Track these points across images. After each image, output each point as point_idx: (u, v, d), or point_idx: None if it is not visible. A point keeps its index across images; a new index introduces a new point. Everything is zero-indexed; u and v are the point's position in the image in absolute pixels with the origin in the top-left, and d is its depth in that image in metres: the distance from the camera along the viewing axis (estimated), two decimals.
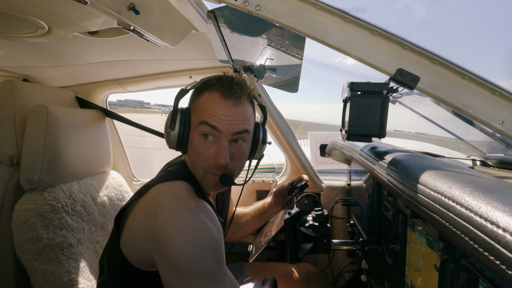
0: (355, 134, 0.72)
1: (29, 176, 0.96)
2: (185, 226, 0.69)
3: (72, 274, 0.98)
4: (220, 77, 0.83)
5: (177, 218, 0.70)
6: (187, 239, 0.67)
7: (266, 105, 0.98)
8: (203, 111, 0.79)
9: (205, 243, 0.68)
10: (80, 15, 0.83)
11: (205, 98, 0.80)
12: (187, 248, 0.66)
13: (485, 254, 0.32)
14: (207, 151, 0.79)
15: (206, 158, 0.79)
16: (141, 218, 0.77)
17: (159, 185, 0.79)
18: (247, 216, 1.34)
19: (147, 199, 0.78)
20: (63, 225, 1.01)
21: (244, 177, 1.00)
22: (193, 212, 0.72)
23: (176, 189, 0.78)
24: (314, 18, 0.63)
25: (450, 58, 0.60)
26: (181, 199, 0.75)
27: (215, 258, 0.69)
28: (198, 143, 0.79)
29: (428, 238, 0.60)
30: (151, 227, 0.72)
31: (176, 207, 0.72)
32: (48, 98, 1.18)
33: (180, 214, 0.71)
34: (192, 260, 0.66)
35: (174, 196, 0.76)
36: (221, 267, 0.70)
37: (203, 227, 0.70)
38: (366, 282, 1.06)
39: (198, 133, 0.79)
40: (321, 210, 1.03)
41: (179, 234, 0.68)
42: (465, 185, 0.43)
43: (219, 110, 0.78)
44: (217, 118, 0.77)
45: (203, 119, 0.78)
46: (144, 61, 1.35)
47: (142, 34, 0.88)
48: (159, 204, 0.73)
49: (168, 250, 0.67)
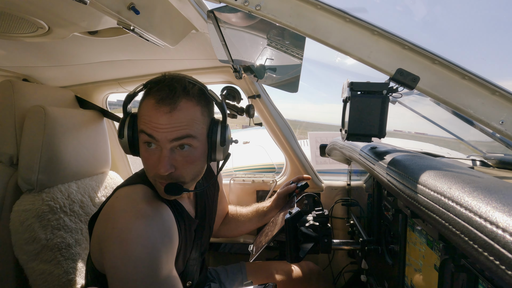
0: (355, 134, 0.72)
1: (27, 177, 0.96)
2: (126, 236, 0.69)
3: (70, 275, 0.98)
4: (158, 80, 0.77)
5: (122, 226, 0.70)
6: (124, 250, 0.68)
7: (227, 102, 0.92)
8: (141, 119, 0.76)
9: (140, 256, 0.68)
10: (80, 15, 0.83)
11: (144, 105, 0.77)
12: (123, 259, 0.67)
13: (484, 254, 0.32)
14: (150, 160, 0.77)
15: (151, 166, 0.77)
16: (99, 225, 0.79)
17: (120, 189, 0.82)
18: (245, 216, 1.35)
19: (109, 203, 0.80)
20: (61, 226, 1.01)
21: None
22: (140, 219, 0.71)
23: (132, 194, 0.79)
24: (314, 18, 0.63)
25: (450, 58, 0.60)
26: (133, 206, 0.74)
27: (150, 271, 0.68)
28: (143, 151, 0.78)
29: (428, 238, 0.60)
30: (102, 234, 0.74)
31: (125, 214, 0.72)
32: (48, 98, 1.18)
33: (126, 223, 0.71)
34: (126, 271, 0.67)
35: (127, 202, 0.76)
36: (157, 278, 0.69)
37: (144, 237, 0.69)
38: (366, 282, 1.06)
39: (141, 141, 0.77)
40: (322, 210, 1.03)
41: (119, 243, 0.68)
42: (464, 185, 0.42)
43: (153, 117, 0.73)
44: (152, 127, 0.73)
45: (141, 127, 0.76)
46: (144, 61, 1.35)
47: (142, 34, 0.88)
48: (113, 210, 0.75)
49: (108, 258, 0.69)
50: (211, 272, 1.29)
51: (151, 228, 0.72)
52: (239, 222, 1.35)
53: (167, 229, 0.76)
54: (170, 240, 0.76)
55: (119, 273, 0.67)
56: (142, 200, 0.77)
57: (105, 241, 0.71)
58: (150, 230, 0.71)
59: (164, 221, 0.76)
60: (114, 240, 0.69)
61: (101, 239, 0.75)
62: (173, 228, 0.79)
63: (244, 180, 1.65)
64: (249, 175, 1.70)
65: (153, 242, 0.71)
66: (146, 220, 0.72)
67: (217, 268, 1.31)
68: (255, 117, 1.44)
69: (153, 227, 0.72)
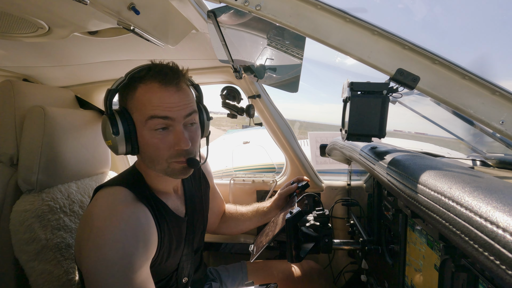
0: (355, 134, 0.72)
1: (27, 177, 0.96)
2: (101, 240, 0.70)
3: (70, 274, 0.98)
4: (149, 67, 0.80)
5: (97, 231, 0.71)
6: (98, 255, 0.69)
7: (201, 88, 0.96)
8: (147, 105, 0.76)
9: (114, 260, 0.69)
10: (80, 15, 0.83)
11: (143, 91, 0.77)
12: (97, 262, 0.68)
13: (485, 254, 0.32)
14: (165, 142, 0.78)
15: (166, 148, 0.78)
16: (80, 226, 0.80)
17: (100, 190, 0.82)
18: (244, 215, 1.35)
19: (89, 206, 0.81)
20: (61, 226, 1.01)
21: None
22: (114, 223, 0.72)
23: (110, 197, 0.79)
24: (314, 18, 0.63)
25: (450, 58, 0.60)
26: (110, 209, 0.75)
27: (122, 275, 0.69)
28: (153, 137, 0.77)
29: (428, 238, 0.60)
30: (81, 236, 0.75)
31: (102, 218, 0.73)
32: (48, 98, 1.18)
33: (101, 227, 0.71)
34: (99, 275, 0.68)
35: (105, 205, 0.77)
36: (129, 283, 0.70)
37: (117, 242, 0.70)
38: (366, 282, 1.06)
39: (149, 129, 0.77)
40: (322, 210, 1.03)
41: (94, 248, 0.69)
42: (465, 185, 0.42)
43: (164, 98, 0.76)
44: (164, 108, 0.76)
45: (150, 113, 0.76)
46: (144, 61, 1.33)
47: (142, 34, 0.88)
48: (91, 213, 0.75)
49: (84, 261, 0.70)
50: (212, 271, 1.29)
51: (126, 233, 0.72)
52: (238, 220, 1.35)
53: (143, 233, 0.76)
54: (145, 244, 0.76)
55: (93, 277, 0.69)
56: (120, 203, 0.77)
57: (82, 244, 0.73)
58: (124, 235, 0.71)
59: (140, 224, 0.76)
60: (90, 244, 0.70)
61: (79, 241, 0.76)
62: (149, 232, 0.78)
63: (244, 180, 1.65)
64: (249, 175, 1.70)
65: (127, 247, 0.71)
66: (121, 224, 0.72)
67: (218, 268, 1.31)
68: (255, 117, 1.44)
69: (127, 232, 0.72)
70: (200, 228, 1.11)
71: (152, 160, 0.80)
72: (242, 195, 1.66)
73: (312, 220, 1.03)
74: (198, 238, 1.09)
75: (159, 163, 0.80)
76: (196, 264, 1.12)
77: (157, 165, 0.81)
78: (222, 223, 1.37)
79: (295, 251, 0.95)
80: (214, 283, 1.21)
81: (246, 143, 3.38)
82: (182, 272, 0.98)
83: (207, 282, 1.21)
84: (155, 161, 0.80)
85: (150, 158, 0.80)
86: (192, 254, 1.04)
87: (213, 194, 1.29)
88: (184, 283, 0.99)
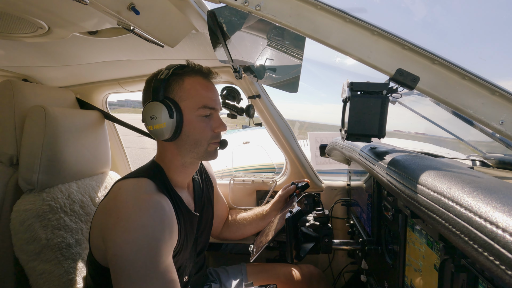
0: (354, 134, 0.72)
1: (28, 177, 0.96)
2: (130, 225, 0.73)
3: (70, 274, 0.98)
4: (187, 64, 0.96)
5: (126, 216, 0.75)
6: (127, 238, 0.72)
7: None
8: (197, 95, 0.91)
9: (142, 244, 0.72)
10: (80, 15, 0.83)
11: (191, 82, 0.91)
12: (125, 246, 0.71)
13: (484, 254, 0.32)
14: (209, 126, 0.93)
15: (208, 132, 0.93)
16: (101, 216, 0.83)
17: (122, 181, 0.86)
18: (245, 219, 1.38)
19: (109, 195, 0.84)
20: (61, 226, 1.01)
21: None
22: (143, 210, 0.76)
23: (135, 186, 0.84)
24: (314, 18, 0.63)
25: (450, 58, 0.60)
26: (136, 197, 0.79)
27: (149, 258, 0.72)
28: (201, 122, 0.92)
29: (428, 238, 0.60)
30: (106, 225, 0.77)
31: (130, 204, 0.77)
32: (48, 98, 1.18)
33: (130, 213, 0.75)
34: (126, 259, 0.71)
35: (132, 192, 0.81)
36: (156, 266, 0.73)
37: (146, 227, 0.74)
38: (366, 282, 1.06)
39: (198, 115, 0.91)
40: (322, 210, 1.03)
41: (122, 232, 0.73)
42: (464, 185, 0.42)
43: (210, 93, 0.94)
44: (212, 100, 0.93)
45: (203, 103, 0.91)
46: (144, 61, 1.35)
47: (142, 34, 0.88)
48: (116, 200, 0.79)
49: (111, 246, 0.73)
50: (212, 272, 1.29)
51: (154, 219, 0.75)
52: (240, 225, 1.38)
53: (168, 221, 0.80)
54: (170, 231, 0.79)
55: (120, 261, 0.71)
56: (145, 192, 0.81)
57: (109, 231, 0.75)
58: (152, 221, 0.75)
59: (165, 212, 0.79)
60: (118, 229, 0.73)
61: (104, 231, 0.78)
62: (173, 220, 0.82)
63: (244, 180, 1.65)
64: (249, 175, 1.70)
65: (155, 232, 0.75)
66: (149, 211, 0.76)
67: (217, 269, 1.32)
68: (255, 117, 1.44)
69: (155, 218, 0.76)
70: (208, 229, 1.14)
71: (195, 142, 0.92)
72: (242, 195, 1.66)
73: (312, 220, 1.03)
74: (203, 238, 1.11)
75: (201, 144, 0.93)
76: (199, 265, 1.13)
77: (198, 147, 0.93)
78: (225, 228, 1.39)
79: (295, 251, 0.95)
80: (214, 284, 1.21)
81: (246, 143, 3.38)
82: (184, 270, 0.99)
83: (207, 283, 1.21)
84: (198, 143, 0.92)
85: (194, 140, 0.91)
86: (194, 254, 1.05)
87: (217, 198, 1.31)
88: (184, 282, 1.00)
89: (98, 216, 0.85)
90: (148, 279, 0.71)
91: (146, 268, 0.71)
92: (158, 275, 0.73)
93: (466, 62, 0.66)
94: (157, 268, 0.73)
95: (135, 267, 0.70)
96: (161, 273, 0.73)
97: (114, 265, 0.72)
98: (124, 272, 0.70)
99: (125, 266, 0.70)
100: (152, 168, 0.94)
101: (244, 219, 1.38)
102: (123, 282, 0.70)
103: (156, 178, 0.88)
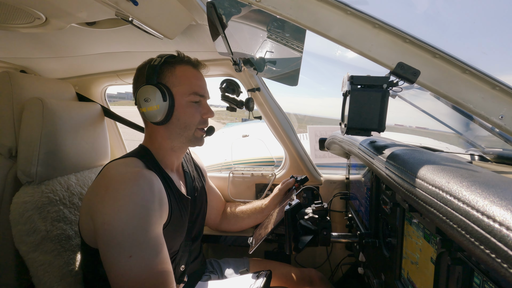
0: (354, 128, 0.72)
1: (26, 169, 0.96)
2: (118, 194, 0.74)
3: (71, 266, 0.98)
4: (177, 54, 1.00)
5: (115, 187, 0.76)
6: (116, 206, 0.73)
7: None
8: (188, 82, 0.96)
9: (132, 211, 0.73)
10: (78, 5, 0.82)
11: (182, 70, 0.96)
12: (114, 214, 0.72)
13: (481, 247, 0.33)
14: (198, 112, 0.98)
15: (197, 117, 0.98)
16: (90, 194, 0.84)
17: (111, 163, 0.89)
18: (244, 212, 1.40)
19: (98, 176, 0.87)
20: (61, 218, 1.01)
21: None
22: (132, 180, 0.77)
23: (123, 163, 0.87)
24: (315, 10, 0.62)
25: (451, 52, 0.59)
26: (125, 171, 0.81)
27: (139, 226, 0.73)
28: (190, 107, 0.96)
29: (425, 231, 0.61)
30: (94, 199, 0.79)
31: (118, 177, 0.79)
32: (46, 89, 1.17)
33: (119, 183, 0.77)
34: (116, 226, 0.71)
35: (120, 168, 0.84)
36: (146, 234, 0.74)
37: (135, 195, 0.75)
38: (363, 274, 1.07)
39: (188, 101, 0.95)
40: (321, 203, 1.04)
41: (111, 201, 0.74)
42: (463, 179, 0.43)
43: (200, 81, 0.99)
44: (201, 87, 0.98)
45: (194, 90, 0.96)
46: (143, 53, 1.34)
47: (141, 26, 0.87)
48: (104, 177, 0.82)
49: (100, 216, 0.73)
50: (213, 263, 1.30)
51: (143, 188, 0.77)
52: (238, 218, 1.39)
53: (158, 192, 0.81)
54: (160, 203, 0.81)
55: (110, 229, 0.72)
56: (134, 167, 0.84)
57: (97, 204, 0.76)
58: (141, 190, 0.77)
59: (154, 184, 0.81)
60: (106, 200, 0.74)
61: (92, 207, 0.78)
62: (163, 194, 0.84)
63: (243, 173, 1.66)
64: (248, 168, 1.70)
65: (144, 201, 0.76)
66: (138, 181, 0.77)
67: (220, 260, 1.33)
68: (255, 111, 1.43)
69: (144, 187, 0.77)
70: (201, 213, 1.15)
71: (185, 125, 0.96)
72: (241, 188, 1.66)
73: (310, 213, 1.03)
74: (198, 224, 1.13)
75: (190, 128, 0.97)
76: (195, 253, 1.14)
77: (187, 131, 0.97)
78: (223, 220, 1.41)
79: (293, 243, 0.96)
80: (213, 275, 1.23)
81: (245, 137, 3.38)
82: (181, 259, 1.01)
83: (205, 273, 1.22)
84: (187, 127, 0.96)
85: (183, 124, 0.96)
86: (190, 240, 1.06)
87: (210, 189, 1.34)
88: (181, 271, 1.02)
89: (86, 198, 0.86)
90: (138, 247, 0.72)
91: (135, 235, 0.72)
92: (148, 243, 0.74)
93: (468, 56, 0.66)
94: (146, 236, 0.74)
95: (124, 235, 0.71)
96: (151, 242, 0.75)
97: (103, 234, 0.72)
98: (113, 240, 0.71)
99: (115, 234, 0.71)
100: (140, 151, 0.98)
101: (243, 212, 1.40)
102: (112, 250, 0.71)
103: (144, 158, 0.93)
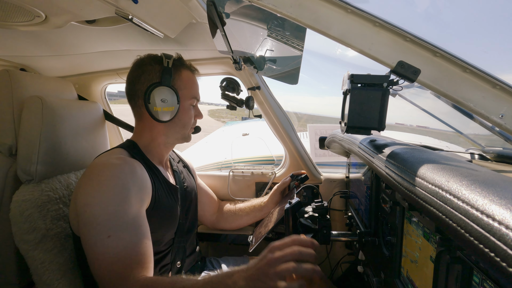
0: (354, 126, 0.72)
1: (26, 168, 0.96)
2: (100, 177, 0.79)
3: (70, 263, 0.99)
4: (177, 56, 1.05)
5: (97, 172, 0.80)
6: (97, 188, 0.77)
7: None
8: (190, 87, 1.04)
9: (113, 192, 0.77)
10: (77, 3, 0.82)
11: (186, 74, 1.04)
12: (96, 194, 0.76)
13: (480, 246, 0.33)
14: (192, 115, 1.06)
15: (193, 118, 1.07)
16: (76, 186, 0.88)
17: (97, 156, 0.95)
18: (243, 210, 1.39)
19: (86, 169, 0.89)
20: (61, 216, 1.01)
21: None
22: (114, 165, 0.82)
23: (108, 153, 0.94)
24: (315, 8, 0.62)
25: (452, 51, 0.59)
26: (108, 159, 0.86)
27: (120, 206, 0.76)
28: (189, 110, 1.05)
29: (424, 230, 0.61)
30: (78, 188, 0.82)
31: (101, 165, 0.83)
32: (46, 88, 1.17)
33: (100, 168, 0.82)
34: (97, 206, 0.75)
35: (103, 157, 0.90)
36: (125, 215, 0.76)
37: (116, 178, 0.79)
38: (363, 273, 1.08)
39: (189, 104, 1.04)
40: (321, 202, 1.04)
41: (93, 184, 0.78)
42: (462, 178, 0.43)
43: (197, 86, 1.08)
44: (198, 93, 1.08)
45: (193, 94, 1.05)
46: (143, 51, 1.32)
47: (141, 24, 0.87)
48: (89, 167, 0.85)
49: (83, 198, 0.77)
50: (213, 262, 1.30)
51: (124, 171, 0.81)
52: (236, 215, 1.39)
53: (139, 176, 0.86)
54: (141, 185, 0.85)
55: (90, 210, 0.74)
56: (117, 155, 0.89)
57: (80, 190, 0.80)
58: (122, 173, 0.81)
59: (136, 169, 0.86)
60: (89, 184, 0.78)
61: (77, 194, 0.81)
62: (145, 177, 0.88)
63: (243, 172, 1.66)
64: (248, 167, 1.71)
65: (125, 181, 0.80)
66: (120, 165, 0.82)
67: (220, 258, 1.33)
68: (255, 109, 1.43)
69: (125, 170, 0.82)
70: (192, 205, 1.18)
71: (183, 125, 1.04)
72: (241, 186, 1.66)
73: (310, 212, 1.03)
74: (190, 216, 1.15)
75: (187, 128, 1.06)
76: (190, 249, 1.15)
77: (184, 130, 1.06)
78: (220, 218, 1.41)
79: None
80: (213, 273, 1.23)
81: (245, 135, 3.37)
82: (175, 256, 1.02)
83: (205, 271, 1.23)
84: (185, 127, 1.05)
85: (183, 124, 1.04)
86: (183, 238, 1.07)
87: (201, 187, 1.36)
88: (178, 267, 1.03)
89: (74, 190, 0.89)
90: (116, 227, 0.74)
91: (115, 216, 0.74)
92: (127, 224, 0.76)
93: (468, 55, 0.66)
94: (126, 217, 0.76)
95: (104, 215, 0.74)
96: (130, 223, 0.77)
97: (83, 215, 0.75)
98: (94, 221, 0.73)
99: (96, 214, 0.73)
100: (126, 143, 1.03)
101: (242, 210, 1.39)
102: (93, 230, 0.73)
103: (129, 148, 0.97)
